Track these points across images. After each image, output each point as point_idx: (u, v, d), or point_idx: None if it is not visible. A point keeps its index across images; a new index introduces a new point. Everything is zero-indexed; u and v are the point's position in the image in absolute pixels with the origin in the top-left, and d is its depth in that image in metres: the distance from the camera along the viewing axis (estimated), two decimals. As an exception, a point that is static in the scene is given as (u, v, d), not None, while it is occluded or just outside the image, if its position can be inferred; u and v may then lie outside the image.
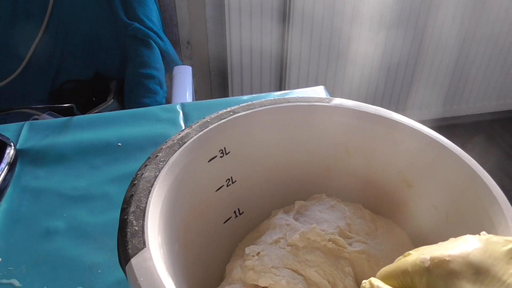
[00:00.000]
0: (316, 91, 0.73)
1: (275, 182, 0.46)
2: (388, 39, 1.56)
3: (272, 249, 0.39)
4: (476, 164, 0.37)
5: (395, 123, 0.41)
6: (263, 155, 0.44)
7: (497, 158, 1.73)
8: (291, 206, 0.44)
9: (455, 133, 1.82)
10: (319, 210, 0.42)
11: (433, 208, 0.40)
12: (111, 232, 0.52)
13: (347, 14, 1.47)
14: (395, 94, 1.73)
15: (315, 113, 0.43)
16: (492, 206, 0.33)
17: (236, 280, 0.38)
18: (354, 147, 0.44)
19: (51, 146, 0.64)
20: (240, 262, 0.39)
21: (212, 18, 1.43)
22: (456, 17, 1.57)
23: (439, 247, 0.26)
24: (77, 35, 1.15)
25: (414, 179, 0.42)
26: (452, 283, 0.24)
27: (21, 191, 0.57)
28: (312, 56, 1.54)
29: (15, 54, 1.12)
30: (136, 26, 1.07)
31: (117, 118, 0.69)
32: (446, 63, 1.69)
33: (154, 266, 0.28)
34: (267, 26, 1.44)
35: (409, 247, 0.41)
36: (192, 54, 1.49)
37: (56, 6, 1.11)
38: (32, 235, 0.52)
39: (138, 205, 0.32)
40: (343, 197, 0.45)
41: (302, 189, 0.47)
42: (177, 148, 0.37)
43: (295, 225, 0.40)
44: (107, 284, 0.47)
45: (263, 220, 0.44)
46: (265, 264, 0.37)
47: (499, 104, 1.88)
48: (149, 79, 1.04)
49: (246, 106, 0.42)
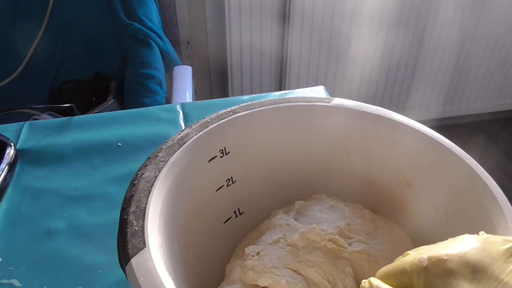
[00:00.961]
0: (316, 91, 0.73)
1: (275, 182, 0.46)
2: (388, 39, 1.56)
3: (272, 249, 0.39)
4: (476, 164, 0.37)
5: (395, 123, 0.41)
6: (263, 155, 0.44)
7: (497, 158, 1.73)
8: (291, 206, 0.44)
9: (455, 133, 1.82)
10: (319, 210, 0.42)
11: (433, 208, 0.40)
12: (111, 232, 0.52)
13: (347, 14, 1.47)
14: (395, 94, 1.73)
15: (315, 113, 0.43)
16: (492, 206, 0.33)
17: (236, 280, 0.38)
18: (354, 147, 0.44)
19: (51, 146, 0.64)
20: (240, 262, 0.39)
21: (212, 18, 1.43)
22: (456, 17, 1.57)
23: (437, 247, 0.26)
24: (77, 35, 1.15)
25: (414, 179, 0.42)
26: (449, 282, 0.24)
27: (21, 191, 0.57)
28: (312, 56, 1.54)
29: (15, 54, 1.13)
30: (136, 26, 1.07)
31: (117, 118, 0.69)
32: (446, 63, 1.69)
33: (154, 266, 0.28)
34: (267, 26, 1.44)
35: (409, 247, 0.41)
36: (192, 54, 1.49)
37: (56, 6, 1.11)
38: (32, 235, 0.52)
39: (138, 205, 0.32)
40: (343, 197, 0.45)
41: (302, 189, 0.47)
42: (177, 148, 0.37)
43: (295, 225, 0.40)
44: (107, 284, 0.47)
45: (263, 220, 0.44)
46: (265, 264, 0.37)
47: (499, 104, 1.88)
48: (149, 79, 1.04)
49: (246, 106, 0.42)
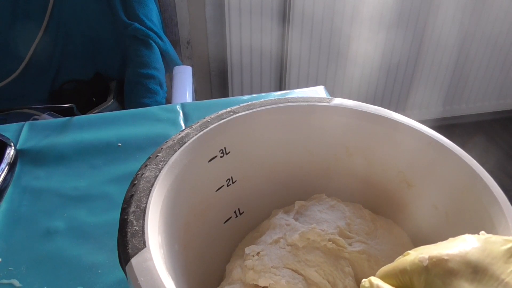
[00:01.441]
0: (316, 91, 0.73)
1: (275, 182, 0.46)
2: (388, 39, 1.56)
3: (272, 249, 0.39)
4: (476, 164, 0.37)
5: (395, 123, 0.41)
6: (263, 155, 0.44)
7: (497, 158, 1.73)
8: (291, 206, 0.44)
9: (455, 133, 1.82)
10: (319, 210, 0.42)
11: (433, 208, 0.40)
12: (111, 232, 0.52)
13: (347, 14, 1.47)
14: (395, 94, 1.73)
15: (315, 113, 0.43)
16: (492, 206, 0.33)
17: (236, 280, 0.38)
18: (354, 147, 0.44)
19: (51, 146, 0.64)
20: (240, 262, 0.39)
21: (212, 18, 1.43)
22: (456, 17, 1.57)
23: (437, 247, 0.26)
24: (77, 35, 1.15)
25: (414, 179, 0.42)
26: (450, 282, 0.24)
27: (21, 191, 0.57)
28: (312, 56, 1.54)
29: (15, 54, 1.13)
30: (136, 26, 1.07)
31: (117, 118, 0.69)
32: (446, 63, 1.69)
33: (154, 266, 0.28)
34: (267, 26, 1.44)
35: (409, 247, 0.41)
36: (192, 54, 1.49)
37: (56, 6, 1.11)
38: (32, 235, 0.52)
39: (138, 205, 0.32)
40: (343, 197, 0.45)
41: (302, 189, 0.47)
42: (177, 148, 0.37)
43: (295, 225, 0.40)
44: (107, 284, 0.47)
45: (263, 220, 0.44)
46: (265, 264, 0.37)
47: (499, 104, 1.88)
48: (149, 79, 1.04)
49: (246, 106, 0.42)
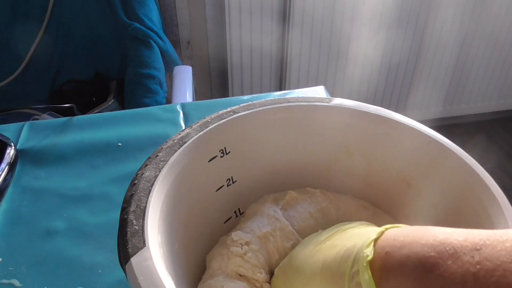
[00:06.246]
0: (316, 91, 0.73)
1: (275, 182, 0.46)
2: (388, 39, 1.56)
3: (262, 244, 0.39)
4: (476, 164, 0.37)
5: (395, 123, 0.41)
6: (263, 155, 0.44)
7: (497, 158, 1.73)
8: (283, 194, 0.43)
9: (455, 133, 1.82)
10: (310, 211, 0.42)
11: (433, 208, 0.40)
12: (111, 232, 0.52)
13: (347, 14, 1.47)
14: (395, 94, 1.73)
15: (315, 113, 0.43)
16: (492, 206, 0.33)
17: (216, 270, 0.37)
18: (354, 147, 0.44)
19: (51, 146, 0.64)
20: (220, 250, 0.39)
21: (212, 18, 1.43)
22: (456, 17, 1.57)
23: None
24: (77, 35, 1.14)
25: (414, 179, 0.42)
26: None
27: (21, 191, 0.57)
28: (312, 56, 1.54)
29: (15, 54, 1.12)
30: (136, 26, 1.07)
31: (117, 118, 0.69)
32: (446, 63, 1.69)
33: (154, 266, 0.28)
34: (267, 26, 1.44)
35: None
36: (192, 54, 1.49)
37: (56, 6, 1.11)
38: (32, 235, 0.52)
39: (138, 204, 0.32)
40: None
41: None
42: (177, 148, 0.37)
43: (283, 222, 0.40)
44: (107, 284, 0.47)
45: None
46: (252, 262, 0.37)
47: (499, 104, 1.88)
48: (149, 79, 1.04)
49: (246, 106, 0.42)
